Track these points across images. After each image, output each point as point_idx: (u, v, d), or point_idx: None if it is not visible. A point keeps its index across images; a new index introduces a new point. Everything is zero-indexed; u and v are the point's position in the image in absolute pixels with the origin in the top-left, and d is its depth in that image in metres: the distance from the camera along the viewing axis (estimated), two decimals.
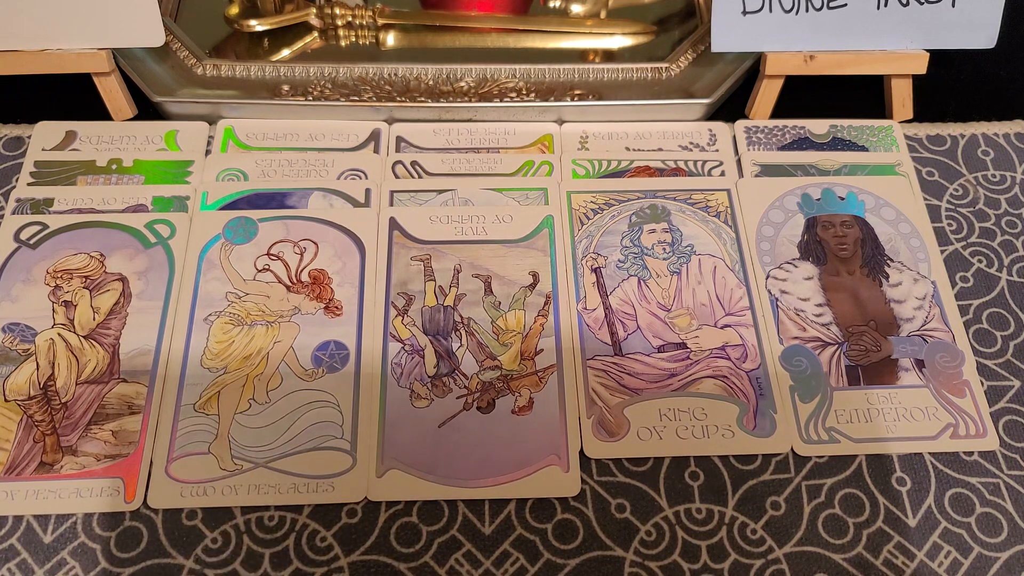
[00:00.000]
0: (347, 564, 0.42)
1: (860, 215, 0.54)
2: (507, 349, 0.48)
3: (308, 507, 0.44)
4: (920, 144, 0.59)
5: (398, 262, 0.51)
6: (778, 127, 0.59)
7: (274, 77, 0.58)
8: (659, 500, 0.44)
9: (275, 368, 0.47)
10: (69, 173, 0.55)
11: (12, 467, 0.44)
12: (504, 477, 0.44)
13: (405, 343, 0.48)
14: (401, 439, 0.45)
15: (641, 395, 0.47)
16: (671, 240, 0.53)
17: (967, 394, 0.48)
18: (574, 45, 0.63)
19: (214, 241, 0.51)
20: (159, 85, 0.57)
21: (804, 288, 0.51)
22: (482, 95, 0.58)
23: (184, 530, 0.43)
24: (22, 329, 0.48)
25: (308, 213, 0.53)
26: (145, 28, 0.54)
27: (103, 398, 0.46)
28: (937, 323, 0.50)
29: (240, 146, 0.57)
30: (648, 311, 0.50)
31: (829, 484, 0.45)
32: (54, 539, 0.42)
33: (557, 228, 0.53)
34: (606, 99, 0.58)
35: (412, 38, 0.63)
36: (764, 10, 0.54)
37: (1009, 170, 0.58)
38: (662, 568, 0.43)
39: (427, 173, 0.56)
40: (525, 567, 0.42)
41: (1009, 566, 0.43)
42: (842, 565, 0.43)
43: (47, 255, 0.51)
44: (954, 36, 0.56)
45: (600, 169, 0.56)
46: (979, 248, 0.54)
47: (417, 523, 0.43)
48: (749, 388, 0.47)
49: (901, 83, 0.59)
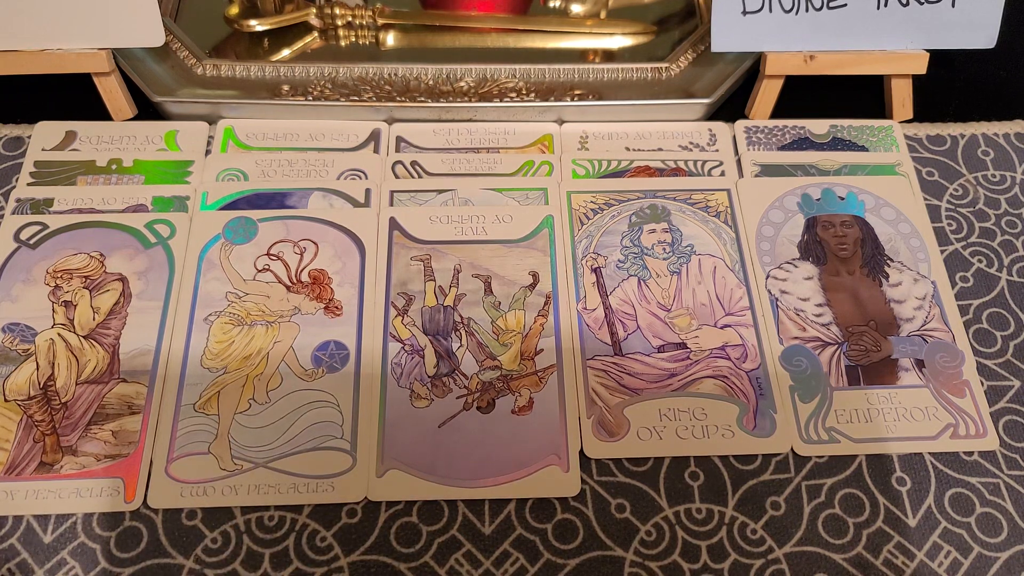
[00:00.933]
0: (347, 564, 0.42)
1: (860, 215, 0.54)
2: (507, 349, 0.48)
3: (308, 507, 0.44)
4: (920, 144, 0.59)
5: (398, 262, 0.51)
6: (778, 127, 0.59)
7: (274, 77, 0.58)
8: (659, 500, 0.44)
9: (275, 368, 0.47)
10: (69, 173, 0.55)
11: (12, 467, 0.44)
12: (504, 477, 0.44)
13: (405, 343, 0.48)
14: (401, 439, 0.45)
15: (641, 395, 0.47)
16: (671, 240, 0.53)
17: (967, 394, 0.48)
18: (574, 45, 0.63)
19: (214, 241, 0.51)
20: (159, 85, 0.57)
21: (804, 288, 0.51)
22: (482, 95, 0.58)
23: (184, 530, 0.43)
24: (22, 329, 0.48)
25: (308, 213, 0.53)
26: (145, 28, 0.54)
27: (103, 398, 0.46)
28: (937, 323, 0.50)
29: (240, 146, 0.57)
30: (648, 311, 0.50)
31: (829, 484, 0.45)
32: (54, 539, 0.42)
33: (557, 228, 0.53)
34: (606, 99, 0.58)
35: (412, 38, 0.63)
36: (764, 10, 0.54)
37: (1009, 170, 0.58)
38: (662, 568, 0.43)
39: (427, 173, 0.56)
40: (525, 567, 0.42)
41: (1009, 566, 0.43)
42: (842, 565, 0.43)
43: (47, 255, 0.51)
44: (954, 36, 0.56)
45: (600, 169, 0.56)
46: (979, 248, 0.54)
47: (417, 523, 0.43)
48: (749, 388, 0.47)
49: (901, 83, 0.59)
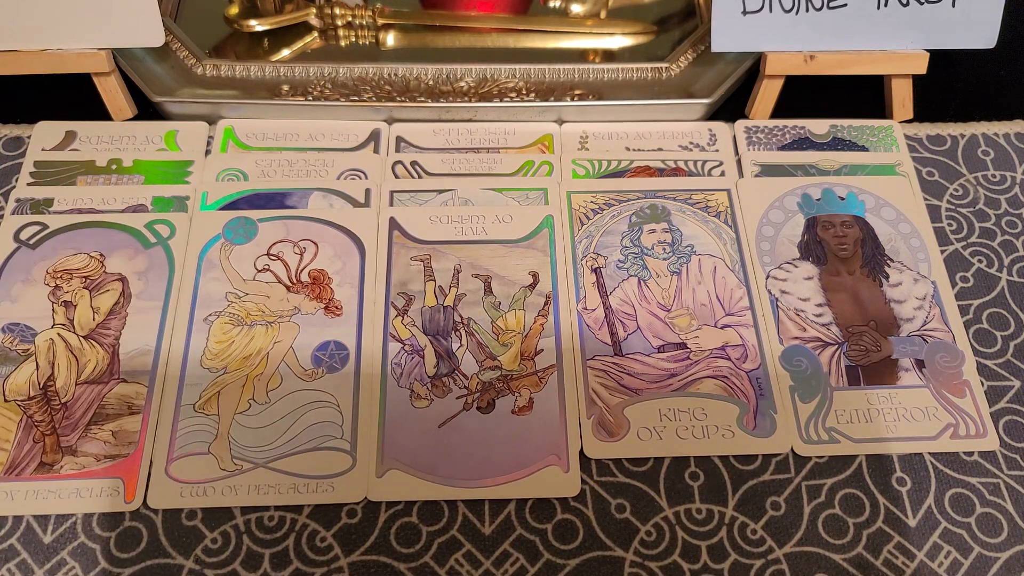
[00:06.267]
0: (347, 564, 0.42)
1: (860, 215, 0.54)
2: (507, 349, 0.48)
3: (308, 507, 0.44)
4: (920, 144, 0.59)
5: (398, 262, 0.51)
6: (778, 127, 0.59)
7: (274, 77, 0.58)
8: (659, 500, 0.44)
9: (275, 368, 0.47)
10: (69, 173, 0.55)
11: (12, 467, 0.44)
12: (504, 477, 0.44)
13: (405, 343, 0.48)
14: (401, 439, 0.45)
15: (641, 395, 0.47)
16: (671, 240, 0.53)
17: (967, 394, 0.48)
18: (574, 45, 0.63)
19: (214, 241, 0.51)
20: (159, 85, 0.57)
21: (804, 288, 0.51)
22: (482, 95, 0.58)
23: (184, 530, 0.43)
24: (22, 329, 0.48)
25: (308, 213, 0.53)
26: (145, 28, 0.54)
27: (103, 398, 0.46)
28: (937, 323, 0.50)
29: (240, 146, 0.57)
30: (648, 311, 0.50)
31: (829, 484, 0.45)
32: (54, 539, 0.42)
33: (557, 228, 0.53)
34: (606, 99, 0.58)
35: (412, 38, 0.63)
36: (764, 10, 0.54)
37: (1009, 170, 0.58)
38: (662, 568, 0.43)
39: (427, 173, 0.56)
40: (525, 567, 0.42)
41: (1009, 566, 0.43)
42: (842, 565, 0.43)
43: (47, 255, 0.51)
44: (954, 36, 0.56)
45: (600, 169, 0.56)
46: (979, 248, 0.54)
47: (417, 523, 0.43)
48: (749, 388, 0.47)
49: (901, 83, 0.59)
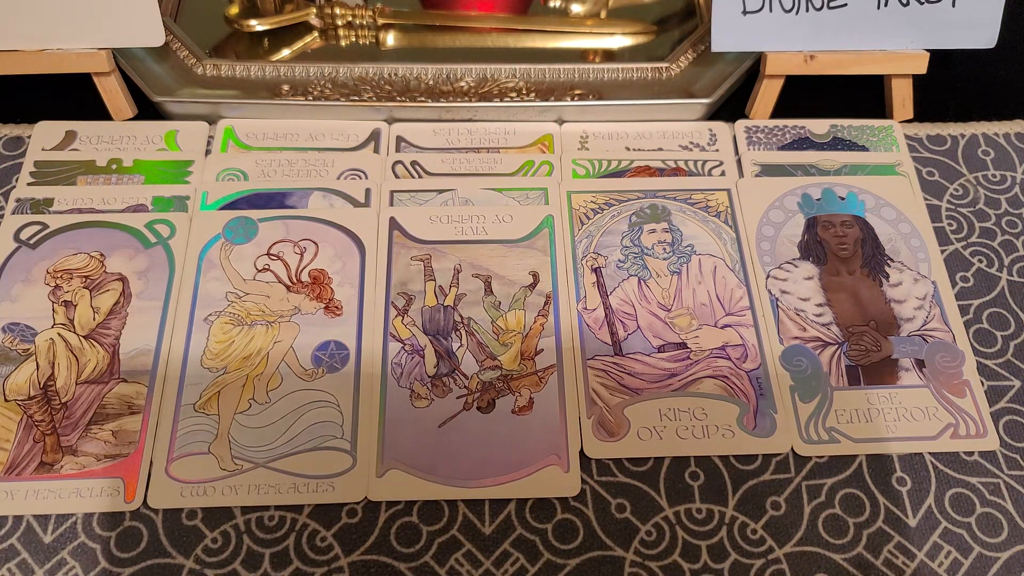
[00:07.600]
0: (347, 564, 0.42)
1: (860, 215, 0.54)
2: (507, 349, 0.48)
3: (308, 507, 0.44)
4: (920, 144, 0.59)
5: (398, 262, 0.51)
6: (778, 127, 0.59)
7: (274, 77, 0.58)
8: (659, 500, 0.44)
9: (275, 368, 0.47)
10: (69, 173, 0.55)
11: (12, 467, 0.44)
12: (504, 477, 0.44)
13: (405, 343, 0.48)
14: (401, 439, 0.45)
15: (641, 395, 0.47)
16: (671, 240, 0.53)
17: (967, 394, 0.48)
18: (574, 45, 0.63)
19: (214, 241, 0.51)
20: (159, 85, 0.57)
21: (804, 288, 0.51)
22: (482, 95, 0.58)
23: (184, 530, 0.43)
24: (22, 329, 0.48)
25: (308, 213, 0.53)
26: (145, 28, 0.54)
27: (103, 398, 0.46)
28: (937, 323, 0.50)
29: (240, 146, 0.57)
30: (648, 311, 0.50)
31: (829, 484, 0.45)
32: (54, 539, 0.42)
33: (557, 228, 0.53)
34: (606, 99, 0.58)
35: (412, 38, 0.63)
36: (764, 10, 0.54)
37: (1009, 170, 0.58)
38: (662, 568, 0.43)
39: (427, 173, 0.56)
40: (525, 567, 0.42)
41: (1009, 566, 0.43)
42: (842, 565, 0.43)
43: (47, 255, 0.51)
44: (954, 36, 0.56)
45: (600, 169, 0.56)
46: (979, 248, 0.54)
47: (417, 523, 0.43)
48: (749, 388, 0.47)
49: (901, 83, 0.59)
